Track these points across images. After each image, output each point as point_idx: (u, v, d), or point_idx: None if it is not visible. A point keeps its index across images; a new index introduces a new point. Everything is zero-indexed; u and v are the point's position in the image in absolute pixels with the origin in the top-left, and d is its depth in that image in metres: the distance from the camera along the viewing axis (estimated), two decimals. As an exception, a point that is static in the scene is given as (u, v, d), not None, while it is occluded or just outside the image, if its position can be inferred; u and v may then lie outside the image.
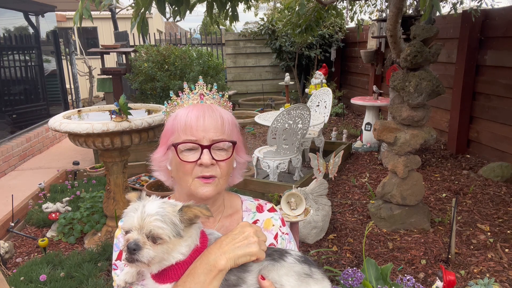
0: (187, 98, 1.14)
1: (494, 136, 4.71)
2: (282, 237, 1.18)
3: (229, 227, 1.18)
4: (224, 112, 1.11)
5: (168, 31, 16.34)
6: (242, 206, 1.23)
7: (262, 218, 1.20)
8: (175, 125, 1.09)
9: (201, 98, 1.14)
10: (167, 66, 5.73)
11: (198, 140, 1.06)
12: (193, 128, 1.06)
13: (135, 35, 9.72)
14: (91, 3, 2.48)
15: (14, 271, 2.85)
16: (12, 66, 6.19)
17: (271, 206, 1.25)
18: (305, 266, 0.99)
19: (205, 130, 1.06)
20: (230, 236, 0.98)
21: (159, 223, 0.88)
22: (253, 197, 1.30)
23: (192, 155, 1.06)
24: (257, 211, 1.22)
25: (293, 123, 4.17)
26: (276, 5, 15.79)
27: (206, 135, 1.06)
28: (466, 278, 2.70)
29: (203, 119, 1.06)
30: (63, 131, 2.82)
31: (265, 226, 1.19)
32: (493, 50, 4.64)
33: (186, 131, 1.06)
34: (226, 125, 1.09)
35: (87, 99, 10.48)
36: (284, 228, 1.21)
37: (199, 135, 1.05)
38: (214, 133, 1.06)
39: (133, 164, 4.73)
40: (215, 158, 1.06)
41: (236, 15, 3.25)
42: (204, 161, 1.05)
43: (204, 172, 1.06)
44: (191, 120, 1.06)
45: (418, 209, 3.39)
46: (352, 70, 9.02)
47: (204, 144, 1.06)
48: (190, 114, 1.07)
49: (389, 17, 3.42)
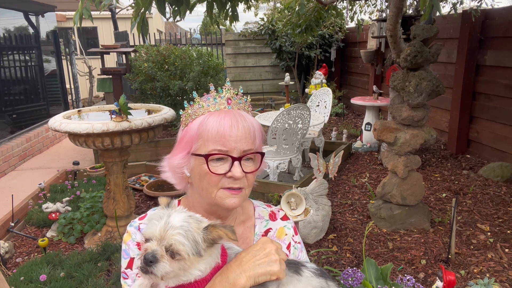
0: (213, 102, 1.05)
1: (494, 136, 4.71)
2: (294, 247, 1.16)
3: (242, 235, 1.15)
4: (254, 121, 1.05)
5: (168, 31, 16.35)
6: (255, 213, 1.20)
7: (275, 227, 1.17)
8: (204, 132, 1.01)
9: (229, 103, 1.05)
10: (167, 66, 5.73)
11: (229, 151, 0.99)
12: (226, 138, 0.99)
13: (135, 35, 9.71)
14: (91, 3, 2.48)
15: (14, 271, 2.85)
16: (12, 66, 6.19)
17: (283, 214, 1.21)
18: (322, 280, 0.96)
19: (237, 140, 0.99)
20: (251, 252, 0.94)
21: (181, 238, 0.84)
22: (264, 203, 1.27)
23: (221, 166, 1.00)
24: (270, 219, 1.19)
25: (293, 123, 4.17)
26: (276, 5, 15.80)
27: (237, 146, 1.00)
28: (466, 278, 2.70)
29: (236, 128, 0.99)
30: (63, 131, 2.82)
31: (278, 235, 1.16)
32: (493, 50, 4.64)
33: (217, 141, 0.99)
34: (257, 135, 1.04)
35: (87, 99, 10.48)
36: (297, 237, 1.18)
37: (230, 146, 0.99)
38: (245, 144, 1.00)
39: (133, 164, 4.74)
40: (244, 170, 1.02)
41: (236, 15, 3.25)
42: (236, 174, 1.00)
43: (232, 184, 1.01)
44: (224, 129, 0.99)
45: (418, 209, 3.39)
46: (352, 70, 9.02)
47: (235, 156, 1.00)
48: (222, 122, 1.00)
49: (389, 17, 3.42)
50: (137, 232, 1.09)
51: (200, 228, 0.88)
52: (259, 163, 1.05)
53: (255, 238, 1.16)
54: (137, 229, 1.09)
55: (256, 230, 1.17)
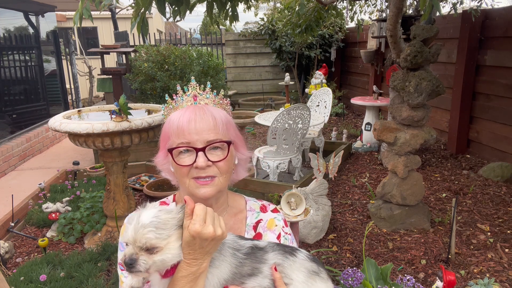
0: (181, 100, 1.14)
1: (494, 136, 4.71)
2: (285, 237, 1.20)
3: (233, 226, 1.20)
4: (217, 112, 1.11)
5: (168, 31, 16.34)
6: (246, 206, 1.24)
7: (265, 218, 1.22)
8: (169, 129, 1.10)
9: (195, 99, 1.13)
10: (167, 66, 5.73)
11: (191, 143, 1.06)
12: (185, 131, 1.06)
13: (135, 35, 9.72)
14: (91, 3, 2.48)
15: (14, 271, 2.85)
16: (12, 66, 6.19)
17: (274, 207, 1.26)
18: (314, 265, 1.02)
19: (198, 132, 1.06)
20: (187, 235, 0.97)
21: (152, 234, 0.88)
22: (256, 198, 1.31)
23: (188, 157, 1.07)
24: (261, 211, 1.23)
25: (293, 123, 4.17)
26: (276, 5, 15.79)
27: (200, 137, 1.06)
28: (466, 278, 2.70)
29: (194, 121, 1.06)
30: (63, 131, 2.82)
31: (268, 226, 1.20)
32: (493, 50, 4.64)
33: (179, 135, 1.07)
34: (220, 125, 1.09)
35: (87, 99, 10.48)
36: (287, 228, 1.23)
37: (192, 138, 1.06)
38: (207, 134, 1.06)
39: (133, 164, 4.74)
40: (211, 160, 1.07)
41: (236, 15, 3.25)
42: (199, 164, 1.05)
43: (201, 173, 1.07)
44: (182, 124, 1.07)
45: (418, 209, 3.39)
46: (352, 70, 9.02)
47: (198, 147, 1.06)
48: (181, 118, 1.08)
49: (389, 17, 3.42)
50: None
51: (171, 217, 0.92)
52: (227, 151, 1.09)
53: (247, 229, 1.21)
54: None
55: (247, 221, 1.22)
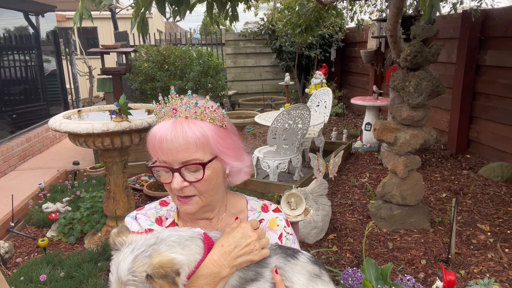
0: (162, 113, 1.05)
1: (494, 136, 4.71)
2: (286, 237, 1.18)
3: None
4: (193, 128, 1.00)
5: (168, 31, 16.34)
6: (248, 206, 1.22)
7: (267, 218, 1.20)
8: (148, 143, 1.04)
9: (174, 113, 1.02)
10: (167, 66, 5.73)
11: (168, 162, 1.01)
12: (159, 151, 1.01)
13: (135, 35, 9.71)
14: (91, 3, 2.48)
15: (14, 271, 2.85)
16: (12, 66, 6.19)
17: (276, 206, 1.24)
18: (316, 267, 1.01)
19: (170, 153, 0.99)
20: (233, 242, 0.97)
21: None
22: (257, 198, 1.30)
23: (167, 175, 1.03)
24: (262, 211, 1.21)
25: (293, 123, 4.17)
26: (276, 5, 15.78)
27: (174, 158, 1.00)
28: (466, 278, 2.70)
29: (166, 141, 0.99)
30: (63, 131, 2.82)
31: (270, 226, 1.18)
32: (493, 50, 4.64)
33: (157, 154, 1.02)
34: (193, 144, 0.99)
35: (87, 99, 10.48)
36: (289, 228, 1.20)
37: (168, 158, 1.00)
38: (181, 155, 0.99)
39: (133, 164, 4.74)
40: (188, 180, 1.01)
41: (236, 15, 3.25)
42: (173, 186, 1.01)
43: (179, 193, 1.03)
44: (155, 143, 1.00)
45: (418, 209, 3.39)
46: (352, 70, 9.02)
47: (175, 168, 1.00)
48: (156, 136, 1.01)
49: (389, 17, 3.42)
50: (133, 221, 1.13)
51: (149, 265, 0.84)
52: (203, 173, 1.01)
53: None
54: (134, 219, 1.14)
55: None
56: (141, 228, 1.12)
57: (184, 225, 1.15)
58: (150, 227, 1.12)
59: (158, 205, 1.19)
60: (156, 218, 1.15)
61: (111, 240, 0.91)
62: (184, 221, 1.16)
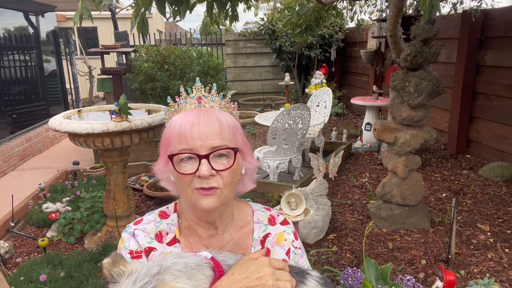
0: (184, 103, 1.04)
1: (494, 136, 4.71)
2: (294, 252, 1.13)
3: (239, 240, 1.12)
4: (223, 116, 1.01)
5: (168, 31, 16.34)
6: (253, 217, 1.16)
7: (274, 232, 1.14)
8: (170, 135, 1.00)
9: (199, 102, 1.03)
10: (167, 66, 5.73)
11: (194, 149, 0.96)
12: (188, 136, 0.96)
13: (135, 35, 9.71)
14: (91, 3, 2.48)
15: (14, 271, 2.85)
16: (12, 66, 6.19)
17: (283, 218, 1.18)
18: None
19: (202, 138, 0.96)
20: (244, 272, 0.89)
21: None
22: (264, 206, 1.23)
23: (190, 165, 0.98)
24: (269, 224, 1.15)
25: (293, 123, 4.17)
26: (276, 5, 15.78)
27: (204, 143, 0.96)
28: (466, 278, 2.70)
29: (198, 126, 0.97)
30: (63, 131, 2.82)
31: (277, 241, 1.13)
32: (493, 50, 4.64)
33: (181, 141, 0.97)
34: (226, 130, 0.99)
35: (87, 99, 10.48)
36: (297, 242, 1.15)
37: (195, 144, 0.96)
38: (212, 140, 0.97)
39: (133, 164, 4.74)
40: (216, 168, 0.97)
41: (236, 15, 3.25)
42: (202, 173, 0.95)
43: (203, 184, 0.97)
44: (185, 128, 0.97)
45: (418, 209, 3.39)
46: (352, 70, 9.02)
47: (202, 154, 0.96)
48: (184, 121, 0.98)
49: (389, 17, 3.42)
50: (131, 238, 1.08)
51: None
52: (233, 159, 0.99)
53: (254, 244, 1.13)
54: (132, 235, 1.08)
55: (254, 235, 1.14)
56: (140, 247, 1.07)
57: (187, 240, 1.10)
58: (150, 245, 1.07)
59: (158, 217, 1.13)
60: (155, 234, 1.09)
61: (106, 271, 0.86)
62: (186, 236, 1.10)
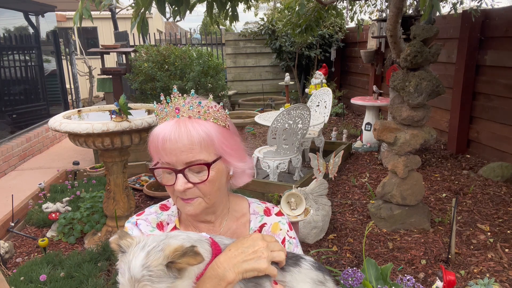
0: (164, 113, 1.02)
1: (494, 136, 4.71)
2: (289, 241, 1.16)
3: (236, 230, 1.15)
4: (196, 128, 0.98)
5: (168, 31, 16.33)
6: (250, 209, 1.19)
7: (269, 222, 1.17)
8: (151, 146, 1.01)
9: (177, 112, 1.00)
10: (167, 66, 5.73)
11: (171, 164, 0.98)
12: (161, 152, 0.98)
13: (135, 35, 9.71)
14: (91, 3, 2.48)
15: (14, 271, 2.85)
16: (12, 66, 6.19)
17: (278, 210, 1.21)
18: (319, 274, 0.98)
19: (175, 153, 0.97)
20: (240, 248, 0.93)
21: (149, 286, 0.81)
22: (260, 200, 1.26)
23: (171, 177, 1.00)
24: (264, 215, 1.18)
25: (293, 123, 4.17)
26: (276, 5, 15.78)
27: (178, 158, 0.97)
28: (466, 278, 2.70)
29: (169, 141, 0.96)
30: (63, 131, 2.82)
31: (273, 230, 1.16)
32: (493, 50, 4.64)
33: (159, 155, 0.99)
34: (197, 144, 0.97)
35: (87, 99, 10.48)
36: (292, 232, 1.18)
37: (171, 159, 0.98)
38: (184, 155, 0.97)
39: (133, 164, 4.74)
40: (192, 181, 0.99)
41: (236, 15, 3.25)
42: (177, 187, 0.98)
43: (182, 195, 1.01)
44: (158, 143, 0.98)
45: (418, 209, 3.39)
46: (352, 70, 9.02)
47: (178, 169, 0.98)
48: (159, 135, 0.98)
49: (389, 17, 3.42)
50: (134, 227, 1.10)
51: (165, 257, 0.83)
52: (207, 173, 1.00)
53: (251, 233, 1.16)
54: (135, 225, 1.11)
55: (251, 225, 1.17)
56: (143, 234, 1.09)
57: (186, 229, 1.13)
58: (152, 233, 1.10)
59: (159, 209, 1.16)
60: (157, 224, 1.12)
61: (114, 245, 0.88)
62: (186, 225, 1.14)
